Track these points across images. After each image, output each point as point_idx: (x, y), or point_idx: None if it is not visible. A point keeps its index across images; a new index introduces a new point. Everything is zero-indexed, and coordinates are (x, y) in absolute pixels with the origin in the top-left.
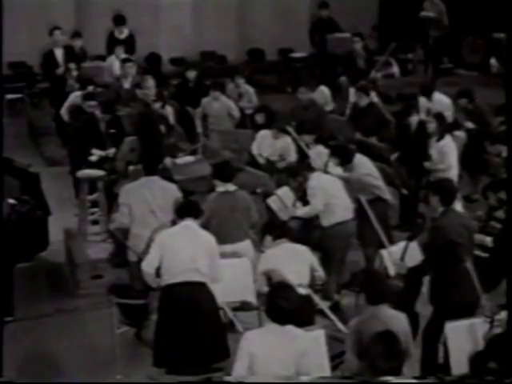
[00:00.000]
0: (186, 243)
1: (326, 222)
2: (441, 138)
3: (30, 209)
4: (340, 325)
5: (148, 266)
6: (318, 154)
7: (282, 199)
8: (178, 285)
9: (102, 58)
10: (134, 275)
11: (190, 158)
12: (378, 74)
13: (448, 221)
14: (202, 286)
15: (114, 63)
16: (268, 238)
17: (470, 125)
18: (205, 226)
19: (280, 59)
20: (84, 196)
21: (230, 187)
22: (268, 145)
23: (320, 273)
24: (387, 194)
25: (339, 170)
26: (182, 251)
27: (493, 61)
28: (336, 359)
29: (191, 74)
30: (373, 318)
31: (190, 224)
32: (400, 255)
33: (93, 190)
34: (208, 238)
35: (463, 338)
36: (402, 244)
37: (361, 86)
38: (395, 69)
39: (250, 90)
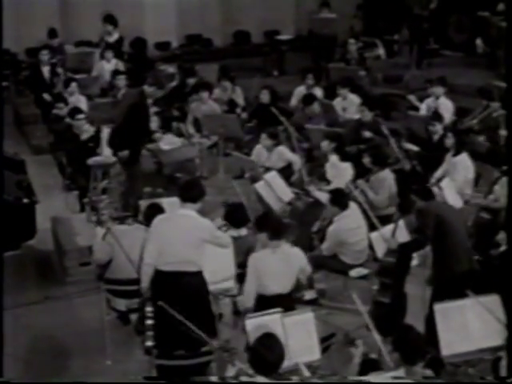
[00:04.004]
0: (177, 236)
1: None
2: (457, 153)
3: (17, 197)
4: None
5: (150, 258)
6: (334, 166)
7: (270, 184)
8: (168, 273)
9: (88, 44)
10: None
11: (176, 140)
12: (365, 55)
13: (431, 204)
14: (192, 274)
15: (105, 67)
16: (263, 235)
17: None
18: None
19: (266, 41)
20: (96, 183)
21: None
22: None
23: (308, 269)
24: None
25: None
26: (173, 244)
27: (478, 41)
28: (326, 341)
29: (190, 81)
30: None
31: (185, 213)
32: (391, 232)
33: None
34: (200, 229)
35: (452, 320)
36: (390, 226)
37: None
38: (381, 50)
39: (238, 90)
